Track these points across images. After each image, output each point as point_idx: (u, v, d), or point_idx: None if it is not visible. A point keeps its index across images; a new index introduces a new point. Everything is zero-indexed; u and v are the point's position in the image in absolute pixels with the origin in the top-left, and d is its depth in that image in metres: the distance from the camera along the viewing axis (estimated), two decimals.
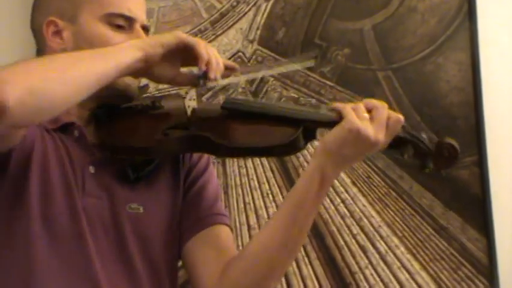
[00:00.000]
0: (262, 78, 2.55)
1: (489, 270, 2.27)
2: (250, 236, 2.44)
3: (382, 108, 1.44)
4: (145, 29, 1.59)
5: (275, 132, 1.49)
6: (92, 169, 1.51)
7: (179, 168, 1.61)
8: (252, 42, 2.60)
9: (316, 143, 1.57)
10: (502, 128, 2.36)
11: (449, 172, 2.29)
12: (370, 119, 1.42)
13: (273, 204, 2.45)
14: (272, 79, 2.55)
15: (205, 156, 1.66)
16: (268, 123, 1.51)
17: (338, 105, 1.47)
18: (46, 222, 1.43)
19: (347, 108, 1.43)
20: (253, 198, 2.48)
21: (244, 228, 2.45)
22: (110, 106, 1.56)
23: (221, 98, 2.56)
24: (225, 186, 2.49)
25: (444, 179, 2.34)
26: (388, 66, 2.48)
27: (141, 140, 1.54)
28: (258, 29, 2.60)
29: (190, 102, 1.57)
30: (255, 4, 2.61)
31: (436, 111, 2.40)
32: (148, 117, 1.56)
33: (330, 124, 1.47)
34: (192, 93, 1.61)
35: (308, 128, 1.50)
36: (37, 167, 1.46)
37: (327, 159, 1.45)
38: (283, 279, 2.39)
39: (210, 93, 2.58)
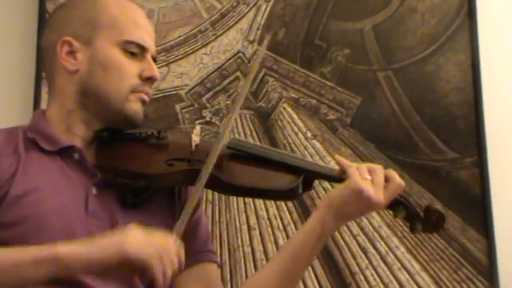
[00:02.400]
0: (262, 79, 2.55)
1: (489, 271, 2.27)
2: (250, 236, 2.44)
3: (379, 171, 1.53)
4: (155, 60, 1.64)
5: (276, 177, 1.56)
6: (94, 190, 1.53)
7: (174, 200, 1.64)
8: (252, 42, 2.60)
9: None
10: (502, 128, 2.36)
11: (449, 172, 2.31)
12: (370, 180, 1.51)
13: (273, 204, 2.44)
14: (272, 79, 2.55)
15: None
16: (271, 167, 1.58)
17: (344, 162, 1.55)
18: (37, 244, 1.41)
19: (352, 168, 1.51)
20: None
21: (244, 228, 2.45)
22: (114, 130, 1.59)
23: (220, 99, 2.56)
24: None
25: (444, 179, 2.34)
26: (389, 66, 2.48)
27: (144, 167, 1.57)
28: (258, 29, 2.60)
29: (196, 137, 1.60)
30: (255, 4, 2.61)
31: (436, 112, 2.40)
32: (151, 146, 1.59)
33: (330, 178, 1.62)
34: (198, 128, 1.62)
35: (307, 178, 1.58)
36: (22, 192, 1.47)
37: (328, 214, 1.53)
38: None
39: (210, 94, 2.58)
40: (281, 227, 2.43)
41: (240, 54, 2.60)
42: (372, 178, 1.50)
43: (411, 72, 2.45)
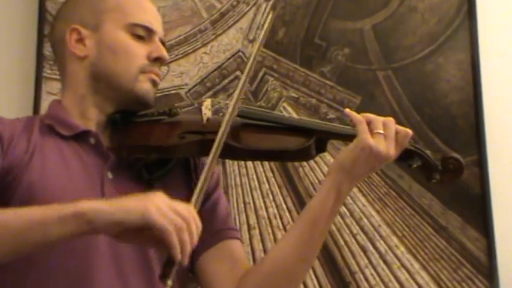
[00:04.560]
0: (262, 78, 2.55)
1: (489, 270, 2.27)
2: (250, 236, 2.44)
3: (391, 124, 1.51)
4: (163, 43, 1.65)
5: (289, 140, 1.56)
6: (110, 175, 1.54)
7: (191, 177, 1.65)
8: (252, 42, 2.60)
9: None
10: (501, 128, 2.36)
11: None
12: (382, 135, 1.50)
13: (273, 204, 2.45)
14: (272, 79, 2.55)
15: (216, 172, 1.70)
16: (283, 132, 1.58)
17: (355, 117, 1.53)
18: None
19: (362, 124, 1.50)
20: (253, 198, 2.48)
21: (244, 227, 2.45)
22: (127, 112, 1.61)
23: (220, 99, 2.56)
24: (225, 186, 2.49)
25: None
26: (388, 66, 2.48)
27: (157, 141, 1.59)
28: (258, 28, 2.60)
29: (206, 111, 1.60)
30: (255, 4, 2.62)
31: (436, 111, 2.40)
32: (164, 123, 1.61)
33: (342, 136, 1.60)
34: (208, 102, 1.62)
35: (320, 139, 1.57)
36: (38, 177, 1.49)
37: (342, 176, 1.52)
38: None
39: (210, 93, 2.58)
40: (281, 226, 2.43)
41: (240, 53, 2.60)
42: (385, 132, 1.49)
43: (411, 72, 2.45)
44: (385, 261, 2.34)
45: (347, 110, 1.55)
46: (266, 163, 2.48)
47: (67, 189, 1.49)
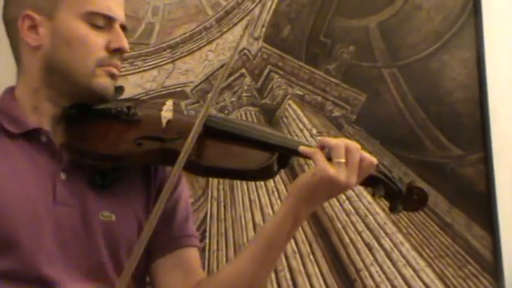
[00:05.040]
0: (267, 75, 2.55)
1: (494, 268, 2.28)
2: (255, 233, 2.44)
3: (356, 151, 1.43)
4: (124, 28, 1.54)
5: (250, 156, 1.48)
6: (63, 175, 1.46)
7: (150, 181, 1.58)
8: (257, 39, 2.60)
9: None
10: (507, 125, 2.36)
11: (454, 169, 2.31)
12: (344, 163, 1.42)
13: (279, 201, 2.45)
14: (277, 76, 2.55)
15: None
16: (245, 145, 1.49)
17: (308, 151, 1.46)
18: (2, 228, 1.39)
19: (317, 154, 1.43)
20: (258, 195, 2.48)
21: (250, 225, 2.45)
22: (83, 106, 1.51)
23: (226, 96, 2.57)
24: (231, 184, 2.49)
25: (449, 176, 2.35)
26: (394, 63, 2.48)
27: (111, 147, 1.50)
28: (263, 26, 2.60)
29: (167, 114, 1.52)
30: (260, 1, 2.61)
31: (441, 109, 2.41)
32: (121, 123, 1.52)
33: (305, 156, 1.48)
34: (170, 103, 1.55)
35: (283, 155, 1.49)
36: None
37: (299, 203, 1.46)
38: (289, 276, 2.39)
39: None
40: None
41: (245, 51, 2.60)
42: (347, 160, 1.42)
43: (416, 70, 2.45)
44: (390, 259, 2.35)
45: (300, 148, 1.47)
46: None
47: (15, 193, 1.41)
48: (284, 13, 2.59)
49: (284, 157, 1.50)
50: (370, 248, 2.37)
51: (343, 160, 1.41)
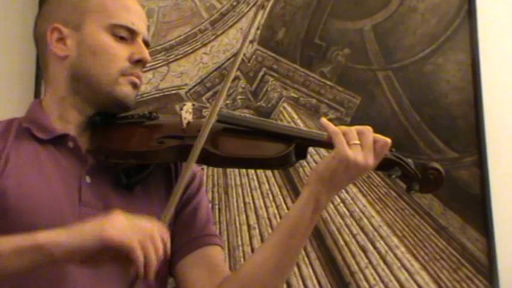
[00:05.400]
0: (262, 78, 2.55)
1: (489, 270, 2.27)
2: (250, 236, 2.44)
3: (368, 132, 1.49)
4: (147, 43, 1.63)
5: (269, 147, 1.54)
6: (88, 179, 1.53)
7: (172, 183, 1.63)
8: (252, 42, 2.60)
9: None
10: (502, 128, 2.36)
11: (449, 172, 2.31)
12: (359, 145, 1.48)
13: (273, 204, 2.45)
14: (272, 79, 2.55)
15: (198, 176, 1.69)
16: (262, 138, 1.56)
17: (331, 129, 1.50)
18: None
19: (339, 136, 1.48)
20: (253, 198, 2.48)
21: (244, 228, 2.45)
22: (107, 114, 1.59)
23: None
24: (225, 186, 2.49)
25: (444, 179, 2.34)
26: (388, 66, 2.48)
27: (135, 146, 1.57)
28: (258, 29, 2.60)
29: (187, 115, 1.58)
30: (255, 4, 2.61)
31: (436, 111, 2.40)
32: (144, 127, 1.60)
33: (322, 144, 1.56)
34: (189, 105, 1.61)
35: (300, 146, 1.55)
36: (13, 183, 1.47)
37: (320, 187, 1.51)
38: None
39: (210, 94, 2.58)
40: None
41: None
42: (361, 141, 1.47)
43: (411, 72, 2.45)
44: (385, 262, 2.34)
45: (322, 120, 1.53)
46: None
47: (43, 195, 1.47)
48: (279, 16, 2.59)
49: (302, 147, 1.56)
50: (364, 251, 2.36)
51: (358, 142, 1.47)
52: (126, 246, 1.26)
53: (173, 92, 2.61)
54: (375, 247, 2.36)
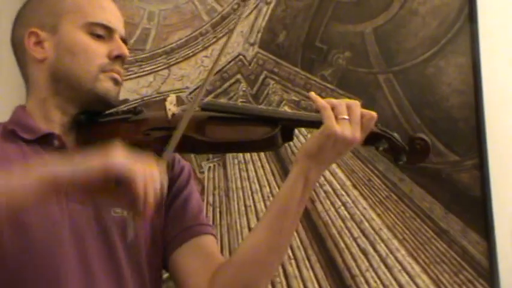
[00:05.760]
0: (263, 81, 2.56)
1: (490, 274, 2.27)
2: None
3: (356, 107, 1.50)
4: (124, 41, 1.63)
5: (255, 130, 1.55)
6: None
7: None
8: (252, 45, 2.60)
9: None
10: (502, 131, 2.36)
11: (450, 175, 2.31)
12: (347, 120, 1.49)
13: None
14: (273, 82, 2.55)
15: (187, 168, 1.69)
16: (248, 122, 1.56)
17: (319, 103, 1.51)
18: (17, 234, 1.44)
19: (327, 111, 1.48)
20: (254, 201, 2.48)
21: (245, 231, 2.45)
22: (91, 112, 1.59)
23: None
24: (226, 189, 2.49)
25: (445, 182, 2.34)
26: (389, 69, 2.48)
27: (121, 140, 1.53)
28: (259, 32, 2.60)
29: (171, 106, 1.58)
30: (256, 7, 2.62)
31: (437, 114, 2.40)
32: (129, 122, 1.59)
33: (308, 123, 1.59)
34: (173, 97, 1.61)
35: (286, 128, 1.56)
36: None
37: (309, 163, 1.51)
38: (284, 282, 2.39)
39: (211, 96, 2.58)
40: None
41: (241, 56, 2.60)
42: (350, 116, 1.48)
43: (412, 75, 2.45)
44: (385, 265, 2.34)
45: (311, 94, 1.54)
46: (267, 166, 2.49)
47: None
48: (279, 19, 2.59)
49: (288, 129, 1.56)
50: (365, 254, 2.36)
51: (346, 117, 1.48)
52: (128, 175, 1.28)
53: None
54: (375, 250, 2.36)
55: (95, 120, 1.59)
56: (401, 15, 2.50)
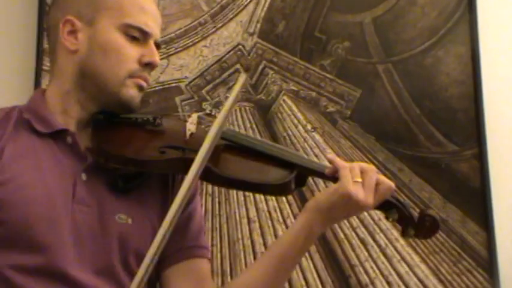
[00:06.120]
0: (262, 71, 2.55)
1: (489, 263, 2.27)
2: (250, 230, 2.44)
3: (372, 172, 1.51)
4: (158, 46, 1.61)
5: (269, 171, 1.54)
6: (84, 176, 1.51)
7: (168, 190, 1.62)
8: (252, 35, 2.59)
9: None
10: (502, 121, 2.36)
11: (449, 165, 2.31)
12: (361, 183, 1.50)
13: (273, 197, 2.44)
14: (272, 72, 2.55)
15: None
16: (264, 161, 1.56)
17: (339, 163, 1.53)
18: (19, 230, 1.44)
19: (346, 170, 1.50)
20: None
21: (244, 221, 2.45)
22: (110, 113, 1.57)
23: (220, 92, 2.56)
24: None
25: (444, 172, 2.35)
26: (388, 59, 2.47)
27: (136, 153, 1.55)
28: (258, 21, 2.60)
29: (191, 126, 1.58)
30: None
31: (436, 104, 2.40)
32: (146, 132, 1.58)
33: (323, 176, 1.57)
34: (195, 117, 1.60)
35: (300, 174, 1.56)
36: (7, 176, 1.47)
37: (317, 216, 1.53)
38: None
39: (210, 86, 2.58)
40: (281, 219, 2.43)
41: (240, 46, 2.60)
42: (363, 180, 1.49)
43: (411, 65, 2.45)
44: (385, 255, 2.34)
45: (330, 156, 1.56)
46: None
47: (37, 189, 1.46)
48: (279, 9, 2.58)
49: (302, 176, 1.57)
50: (364, 244, 2.37)
51: (359, 179, 1.49)
52: None
53: (173, 85, 2.61)
54: (374, 240, 2.36)
55: (113, 121, 1.57)
56: (400, 5, 2.49)
